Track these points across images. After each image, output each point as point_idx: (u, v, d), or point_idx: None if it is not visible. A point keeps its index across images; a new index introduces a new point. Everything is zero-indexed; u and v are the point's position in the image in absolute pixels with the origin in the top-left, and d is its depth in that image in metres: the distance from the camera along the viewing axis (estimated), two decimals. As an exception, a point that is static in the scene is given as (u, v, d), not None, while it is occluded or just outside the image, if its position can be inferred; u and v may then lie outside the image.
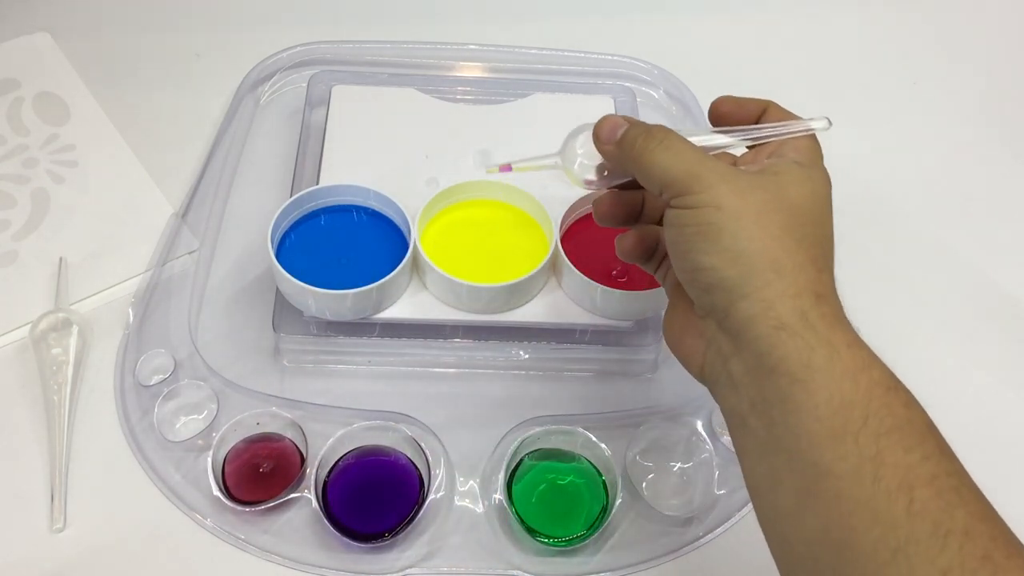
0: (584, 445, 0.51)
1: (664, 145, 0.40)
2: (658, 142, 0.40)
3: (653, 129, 0.41)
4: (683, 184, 0.38)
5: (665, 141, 0.40)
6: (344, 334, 0.55)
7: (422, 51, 0.71)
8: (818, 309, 0.36)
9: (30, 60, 0.71)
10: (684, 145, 0.40)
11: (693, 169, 0.38)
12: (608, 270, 0.54)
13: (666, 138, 0.40)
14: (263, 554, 0.48)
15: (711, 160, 0.39)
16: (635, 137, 0.41)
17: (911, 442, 0.33)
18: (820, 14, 0.82)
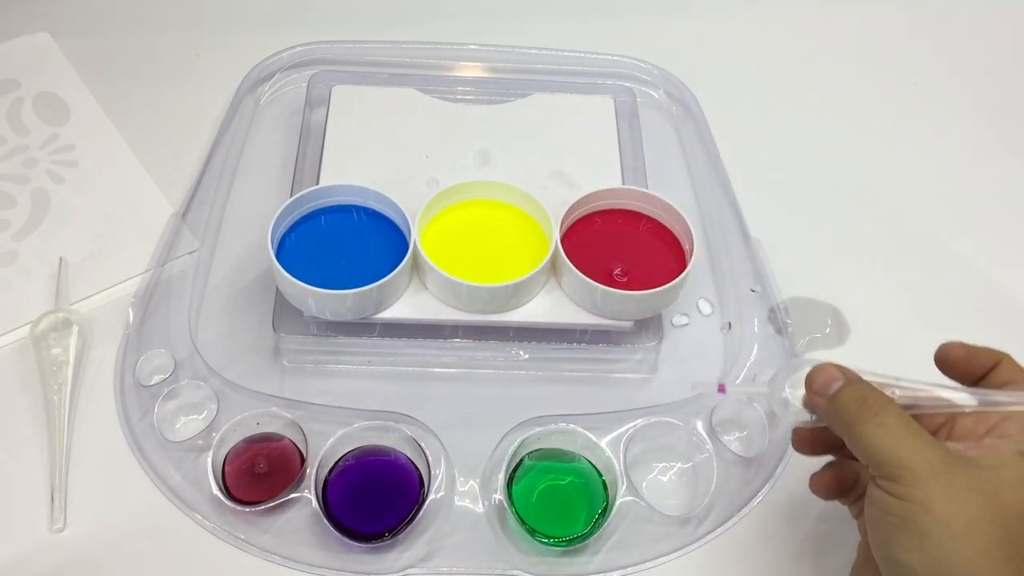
0: (584, 445, 0.51)
1: (878, 422, 0.38)
2: (872, 416, 0.38)
3: (870, 399, 0.39)
4: (893, 470, 0.37)
5: (880, 416, 0.38)
6: (344, 334, 0.55)
7: (422, 51, 0.71)
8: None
9: (30, 60, 0.71)
10: (899, 423, 0.38)
11: (906, 458, 0.37)
12: (608, 270, 0.54)
13: (882, 412, 0.38)
14: (263, 554, 0.48)
15: (926, 448, 0.37)
16: (848, 403, 0.39)
17: None
18: (820, 14, 0.82)
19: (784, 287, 0.59)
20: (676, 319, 0.59)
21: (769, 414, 0.54)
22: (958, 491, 0.36)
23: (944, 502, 0.35)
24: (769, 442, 0.53)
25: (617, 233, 0.56)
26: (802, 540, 0.51)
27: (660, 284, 0.52)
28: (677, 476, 0.52)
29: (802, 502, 0.52)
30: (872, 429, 0.38)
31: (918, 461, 0.36)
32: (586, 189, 0.56)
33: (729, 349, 0.58)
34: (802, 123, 0.73)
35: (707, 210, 0.65)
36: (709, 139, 0.68)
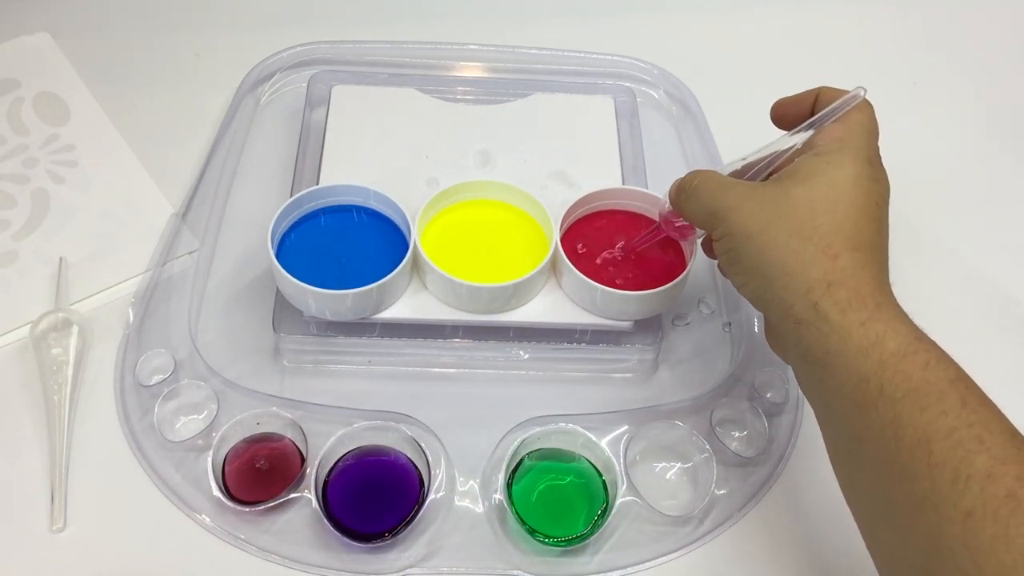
0: (584, 445, 0.51)
1: (688, 194, 0.46)
2: (687, 195, 0.47)
3: (684, 179, 0.47)
4: (708, 223, 0.45)
5: (690, 188, 0.46)
6: (344, 334, 0.55)
7: (422, 51, 0.71)
8: (830, 297, 0.40)
9: (30, 60, 0.71)
10: (707, 185, 0.45)
11: (711, 207, 0.44)
12: (609, 271, 0.54)
13: (692, 183, 0.46)
14: (263, 554, 0.48)
15: (727, 191, 0.44)
16: (676, 193, 0.48)
17: (927, 402, 0.37)
18: (820, 14, 0.82)
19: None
20: (676, 319, 0.59)
21: (768, 414, 0.54)
22: (753, 209, 0.42)
23: (742, 222, 0.42)
24: (769, 442, 0.53)
25: (617, 233, 0.56)
26: (802, 540, 0.51)
27: (660, 284, 0.52)
28: (677, 476, 0.52)
29: (802, 502, 0.52)
30: (689, 203, 0.46)
31: (720, 204, 0.44)
32: (586, 189, 0.56)
33: (729, 349, 0.58)
34: (802, 123, 0.73)
35: (707, 210, 0.65)
36: (709, 139, 0.68)
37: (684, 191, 0.46)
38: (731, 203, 0.43)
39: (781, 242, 0.41)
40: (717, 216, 0.44)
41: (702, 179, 0.46)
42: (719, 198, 0.44)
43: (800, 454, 0.54)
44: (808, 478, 0.53)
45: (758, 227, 0.42)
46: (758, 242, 0.42)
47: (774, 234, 0.41)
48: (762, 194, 0.43)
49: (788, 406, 0.55)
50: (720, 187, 0.45)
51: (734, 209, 0.43)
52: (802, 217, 0.41)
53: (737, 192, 0.44)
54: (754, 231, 0.42)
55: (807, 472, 0.53)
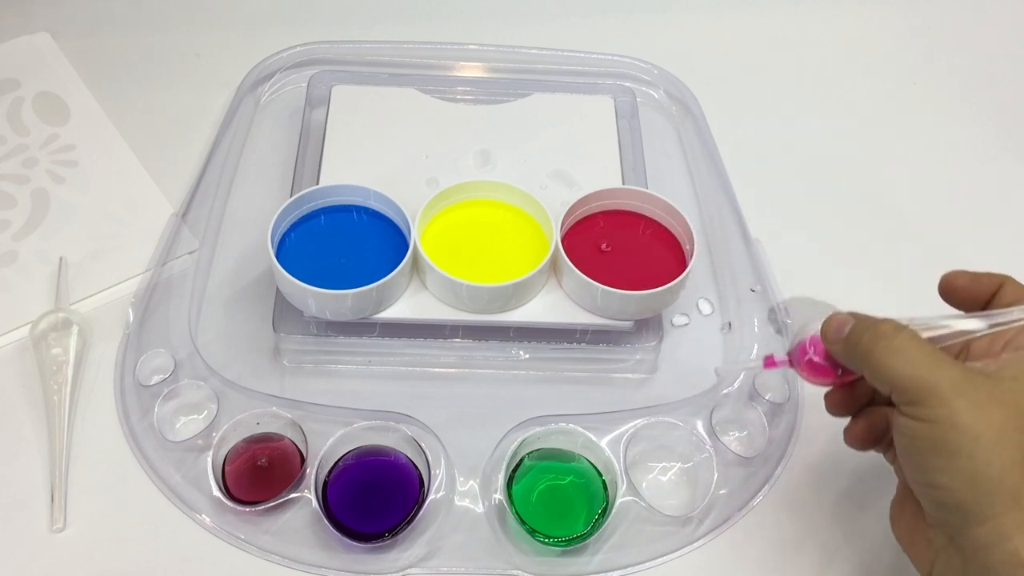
0: (584, 445, 0.51)
1: (892, 347, 0.38)
2: (886, 343, 0.39)
3: (880, 326, 0.40)
4: (915, 393, 0.37)
5: (894, 342, 0.38)
6: (344, 334, 0.55)
7: (422, 51, 0.71)
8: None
9: (30, 60, 0.71)
10: (913, 345, 0.38)
11: (925, 378, 0.37)
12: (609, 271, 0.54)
13: (895, 338, 0.39)
14: (263, 554, 0.48)
15: (944, 366, 0.37)
16: (860, 334, 0.40)
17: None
18: (820, 14, 0.82)
19: (784, 287, 0.59)
20: (676, 319, 0.59)
21: (768, 413, 0.54)
22: (981, 404, 0.36)
23: (969, 417, 0.35)
24: (769, 442, 0.53)
25: (617, 233, 0.56)
26: (802, 540, 0.51)
27: (660, 284, 0.52)
28: (677, 476, 0.52)
29: (802, 502, 0.52)
30: (888, 355, 0.38)
31: (938, 379, 0.36)
32: (586, 189, 0.56)
33: (729, 349, 0.58)
34: (802, 123, 0.73)
35: (707, 210, 0.65)
36: (709, 139, 0.68)
37: (884, 340, 0.38)
38: (954, 384, 0.36)
39: (1016, 459, 0.35)
40: (935, 394, 0.36)
41: (909, 336, 0.38)
42: (937, 371, 0.37)
43: (800, 454, 0.54)
44: (808, 478, 0.53)
45: (991, 429, 0.35)
46: (987, 449, 0.35)
47: (1007, 446, 0.35)
48: (990, 389, 0.36)
49: (788, 406, 0.55)
50: (935, 356, 0.37)
51: (960, 394, 0.36)
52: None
53: (957, 372, 0.37)
54: (984, 433, 0.35)
55: (807, 472, 0.53)
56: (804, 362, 0.43)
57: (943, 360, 0.37)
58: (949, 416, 0.36)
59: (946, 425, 0.36)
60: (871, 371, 0.39)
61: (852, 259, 0.64)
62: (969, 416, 0.36)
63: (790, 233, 0.64)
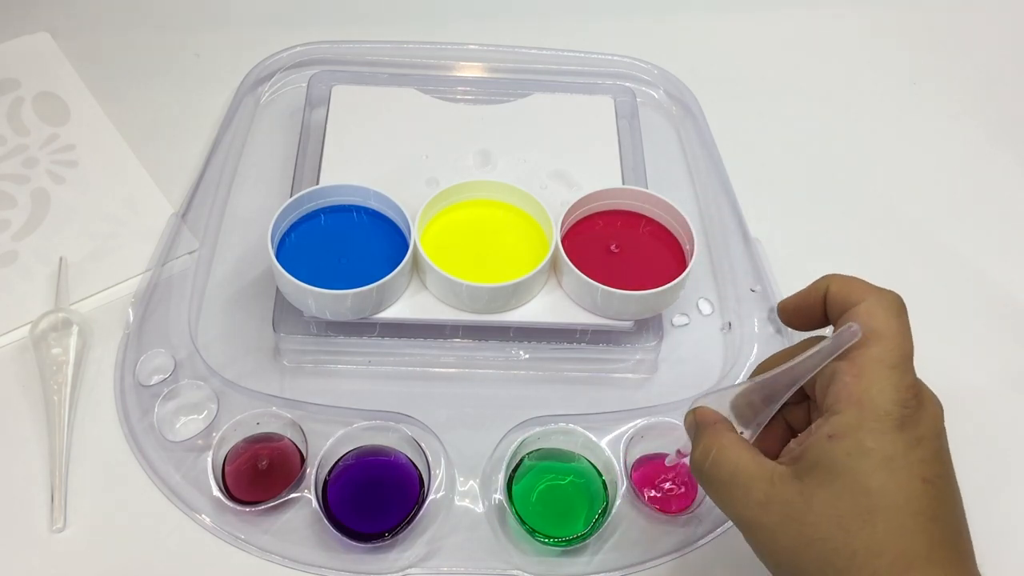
0: (584, 445, 0.51)
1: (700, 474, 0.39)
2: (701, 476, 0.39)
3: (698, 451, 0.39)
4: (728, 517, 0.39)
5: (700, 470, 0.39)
6: (344, 334, 0.55)
7: (422, 51, 0.71)
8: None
9: (30, 60, 0.71)
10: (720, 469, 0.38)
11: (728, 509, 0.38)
12: (609, 271, 0.54)
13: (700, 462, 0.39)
14: (263, 554, 0.48)
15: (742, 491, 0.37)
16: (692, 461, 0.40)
17: None
18: (820, 14, 0.82)
19: (784, 287, 0.59)
20: (676, 319, 0.59)
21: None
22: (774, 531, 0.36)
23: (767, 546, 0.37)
24: (769, 442, 0.53)
25: (617, 233, 0.56)
26: (802, 540, 0.51)
27: (660, 284, 0.52)
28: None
29: (802, 502, 0.52)
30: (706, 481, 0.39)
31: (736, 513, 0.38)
32: (586, 189, 0.56)
33: (729, 349, 0.58)
34: (802, 123, 0.73)
35: (707, 210, 0.65)
36: (709, 139, 0.68)
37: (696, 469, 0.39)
38: (750, 514, 0.37)
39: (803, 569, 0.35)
40: (738, 522, 0.38)
41: (713, 459, 0.38)
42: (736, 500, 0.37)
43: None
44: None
45: (785, 555, 0.36)
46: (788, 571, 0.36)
47: (805, 566, 0.35)
48: (784, 505, 0.35)
49: (788, 406, 0.55)
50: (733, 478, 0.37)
51: (754, 525, 0.36)
52: (834, 542, 0.34)
53: (754, 497, 0.36)
54: (782, 559, 0.36)
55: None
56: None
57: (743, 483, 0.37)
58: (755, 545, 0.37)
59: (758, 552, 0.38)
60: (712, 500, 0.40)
61: (852, 259, 0.64)
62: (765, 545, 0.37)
63: (790, 233, 0.64)
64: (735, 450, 0.38)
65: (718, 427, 0.40)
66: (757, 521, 0.36)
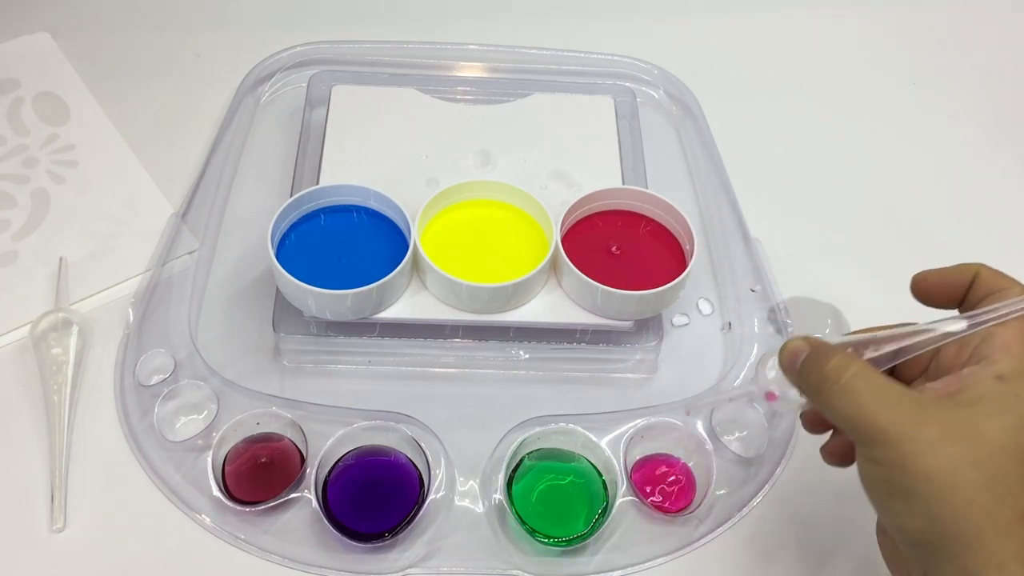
0: (584, 445, 0.51)
1: (839, 389, 0.37)
2: (831, 384, 0.37)
3: (827, 365, 0.37)
4: (864, 435, 0.36)
5: (839, 383, 0.37)
6: (344, 334, 0.55)
7: (422, 51, 0.71)
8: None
9: (30, 60, 0.71)
10: (861, 383, 0.36)
11: (871, 420, 0.35)
12: (609, 271, 0.54)
13: (841, 377, 0.37)
14: (263, 554, 0.48)
15: (892, 404, 0.35)
16: (809, 372, 0.38)
17: None
18: (820, 14, 0.82)
19: (784, 287, 0.59)
20: (676, 319, 0.59)
21: (768, 414, 0.54)
22: (931, 444, 0.34)
23: (919, 459, 0.34)
24: (769, 442, 0.53)
25: (617, 233, 0.56)
26: (802, 540, 0.51)
27: (660, 284, 0.52)
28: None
29: (802, 502, 0.52)
30: (834, 397, 0.37)
31: (885, 421, 0.35)
32: (586, 189, 0.56)
33: (729, 349, 0.58)
34: (802, 123, 0.73)
35: (707, 210, 0.65)
36: (709, 139, 0.68)
37: (831, 381, 0.37)
38: (902, 423, 0.35)
39: (970, 496, 0.34)
40: (883, 436, 0.35)
41: (856, 372, 0.37)
42: (884, 412, 0.35)
43: (800, 454, 0.53)
44: (808, 478, 0.53)
45: (942, 469, 0.34)
46: (940, 489, 0.34)
47: (960, 483, 0.34)
48: (941, 423, 0.35)
49: (788, 406, 0.55)
50: (884, 392, 0.36)
51: (908, 436, 0.35)
52: (997, 468, 0.34)
53: (907, 408, 0.35)
54: (936, 473, 0.34)
55: (807, 472, 0.53)
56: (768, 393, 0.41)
57: (892, 397, 0.36)
58: (899, 459, 0.35)
59: (896, 468, 0.35)
60: (823, 410, 0.38)
61: (852, 259, 0.64)
62: (918, 459, 0.34)
63: (790, 233, 0.64)
64: (874, 371, 0.37)
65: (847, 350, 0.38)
66: (909, 433, 0.35)
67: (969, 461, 0.34)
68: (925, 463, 0.34)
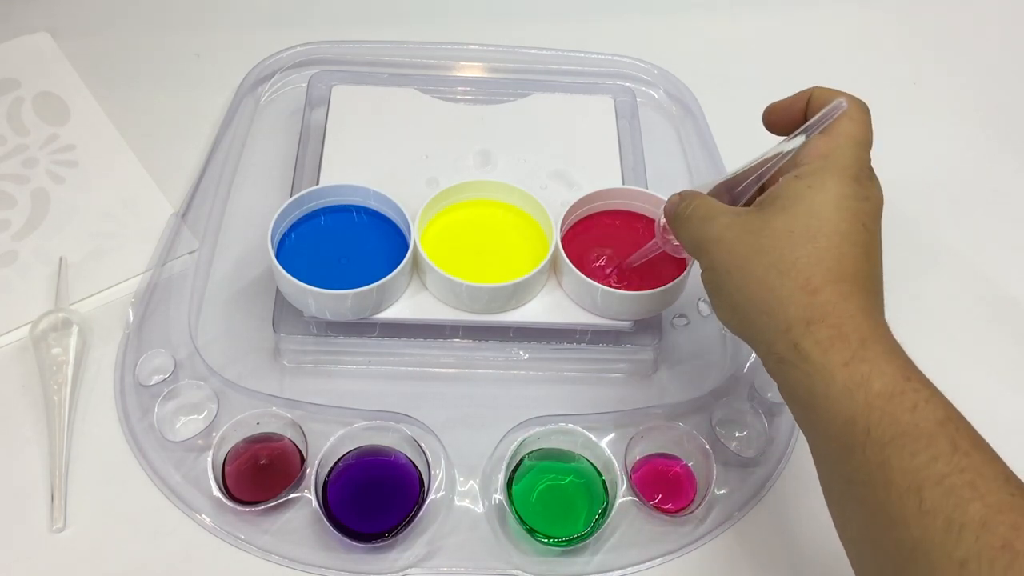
0: (584, 445, 0.51)
1: (680, 221, 0.45)
2: (679, 222, 0.45)
3: (677, 206, 0.45)
4: (695, 254, 0.44)
5: (682, 216, 0.45)
6: (344, 334, 0.55)
7: (422, 51, 0.71)
8: (811, 336, 0.38)
9: (30, 60, 0.71)
10: (697, 212, 0.44)
11: (697, 238, 0.43)
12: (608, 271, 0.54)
13: (685, 211, 0.44)
14: (263, 554, 0.48)
15: (712, 221, 0.43)
16: (672, 219, 0.46)
17: (916, 446, 0.35)
18: (820, 14, 0.82)
19: (784, 287, 0.59)
20: (676, 319, 0.59)
21: (768, 414, 0.54)
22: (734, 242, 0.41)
23: (722, 255, 0.41)
24: (769, 442, 0.53)
25: (617, 233, 0.56)
26: (802, 540, 0.51)
27: (660, 284, 0.52)
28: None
29: (802, 502, 0.52)
30: (680, 229, 0.45)
31: (703, 235, 0.43)
32: (586, 189, 0.56)
33: (729, 349, 0.58)
34: (802, 123, 0.72)
35: (707, 210, 0.65)
36: (709, 139, 0.68)
37: (678, 218, 0.45)
38: (714, 234, 0.42)
39: (759, 277, 0.40)
40: (702, 248, 0.43)
41: (694, 205, 0.44)
42: (705, 228, 0.43)
43: (800, 454, 0.54)
44: (808, 478, 0.52)
45: (737, 261, 0.41)
46: (737, 278, 0.40)
47: (752, 269, 0.40)
48: (744, 224, 0.41)
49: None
50: (707, 215, 0.43)
51: (716, 241, 0.42)
52: (781, 250, 0.39)
53: (721, 222, 0.42)
54: (733, 266, 0.41)
55: (807, 472, 0.53)
56: (672, 245, 0.49)
57: (715, 216, 0.43)
58: (710, 262, 0.42)
59: (709, 271, 0.42)
60: (682, 245, 0.46)
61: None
62: (721, 256, 0.41)
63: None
64: (712, 201, 0.44)
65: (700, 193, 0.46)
66: (718, 236, 0.42)
67: (758, 249, 0.40)
68: (726, 258, 0.41)
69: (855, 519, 0.37)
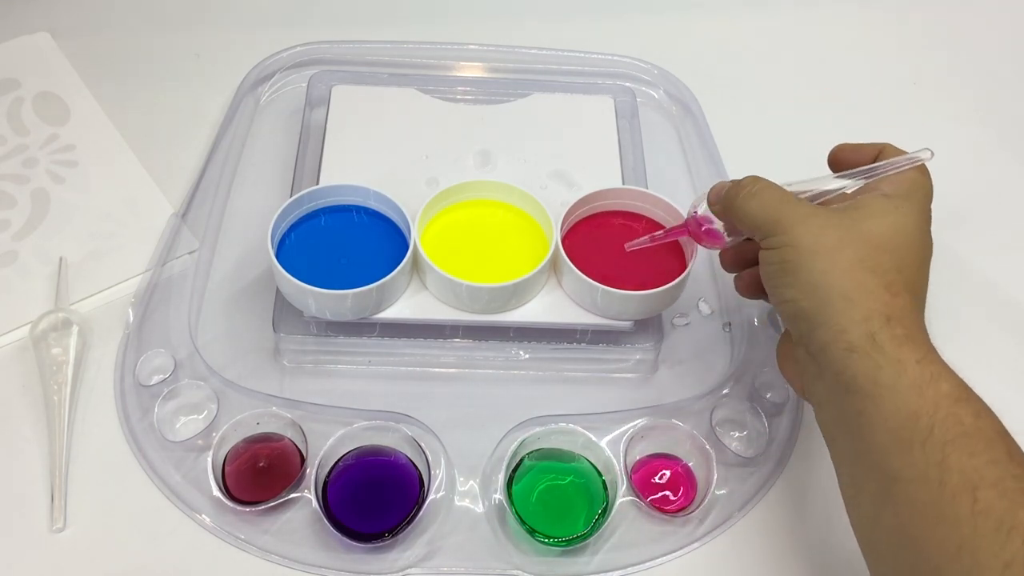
0: (584, 445, 0.51)
1: (750, 193, 0.45)
2: (747, 191, 0.45)
3: (744, 180, 0.46)
4: (767, 228, 0.44)
5: (752, 189, 0.45)
6: (344, 334, 0.55)
7: (422, 51, 0.71)
8: (888, 330, 0.40)
9: (30, 60, 0.71)
10: (771, 192, 0.45)
11: (774, 214, 0.44)
12: (608, 270, 0.54)
13: (754, 186, 0.45)
14: (263, 554, 0.48)
15: (793, 204, 0.44)
16: (726, 195, 0.47)
17: (977, 448, 0.36)
18: (820, 14, 0.82)
19: (784, 287, 0.59)
20: (676, 319, 0.59)
21: (768, 414, 0.54)
22: (821, 227, 0.42)
23: (808, 236, 0.42)
24: (769, 442, 0.53)
25: (617, 233, 0.56)
26: (802, 540, 0.51)
27: (660, 284, 0.52)
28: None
29: (802, 502, 0.52)
30: (748, 201, 0.45)
31: (784, 214, 0.43)
32: (586, 189, 0.56)
33: (729, 349, 0.58)
34: (802, 123, 0.72)
35: (707, 210, 0.65)
36: (709, 139, 0.68)
37: (745, 189, 0.46)
38: (798, 215, 0.43)
39: (845, 268, 0.41)
40: (780, 224, 0.43)
41: (765, 184, 0.46)
42: (784, 207, 0.44)
43: (800, 454, 0.54)
44: (808, 478, 0.53)
45: (826, 246, 0.42)
46: (823, 261, 0.41)
47: (840, 258, 0.41)
48: (829, 217, 0.43)
49: (788, 406, 0.55)
50: (785, 196, 0.45)
51: (800, 222, 0.43)
52: (869, 250, 0.42)
53: (804, 207, 0.44)
54: (820, 249, 0.42)
55: (807, 472, 0.53)
56: (700, 232, 0.50)
57: (791, 200, 0.44)
58: (792, 240, 0.42)
59: (789, 248, 0.43)
60: (737, 218, 0.46)
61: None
62: (807, 237, 0.42)
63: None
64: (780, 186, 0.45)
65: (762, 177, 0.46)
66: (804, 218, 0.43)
67: (847, 242, 0.42)
68: (813, 241, 0.42)
69: (894, 516, 0.38)
